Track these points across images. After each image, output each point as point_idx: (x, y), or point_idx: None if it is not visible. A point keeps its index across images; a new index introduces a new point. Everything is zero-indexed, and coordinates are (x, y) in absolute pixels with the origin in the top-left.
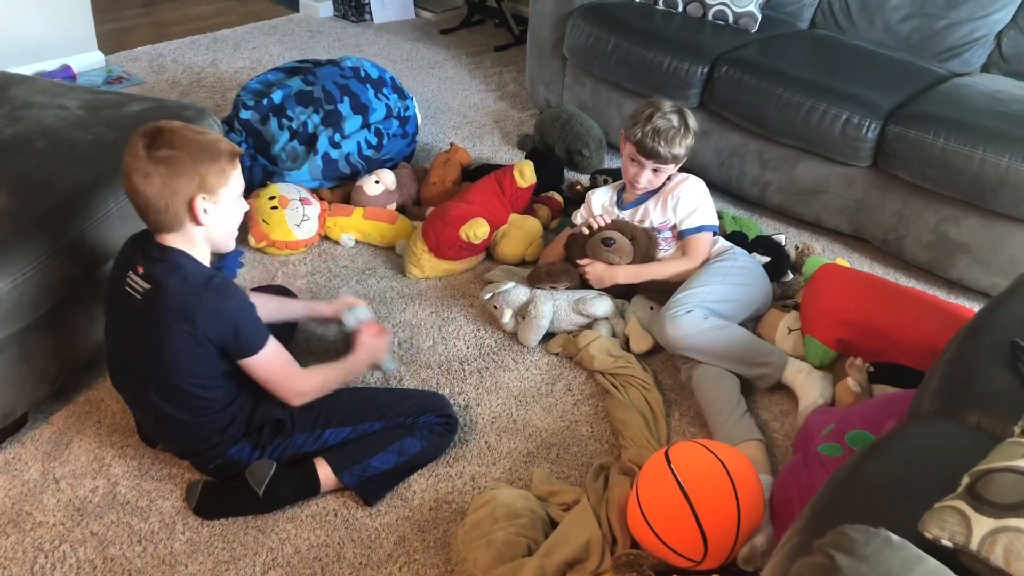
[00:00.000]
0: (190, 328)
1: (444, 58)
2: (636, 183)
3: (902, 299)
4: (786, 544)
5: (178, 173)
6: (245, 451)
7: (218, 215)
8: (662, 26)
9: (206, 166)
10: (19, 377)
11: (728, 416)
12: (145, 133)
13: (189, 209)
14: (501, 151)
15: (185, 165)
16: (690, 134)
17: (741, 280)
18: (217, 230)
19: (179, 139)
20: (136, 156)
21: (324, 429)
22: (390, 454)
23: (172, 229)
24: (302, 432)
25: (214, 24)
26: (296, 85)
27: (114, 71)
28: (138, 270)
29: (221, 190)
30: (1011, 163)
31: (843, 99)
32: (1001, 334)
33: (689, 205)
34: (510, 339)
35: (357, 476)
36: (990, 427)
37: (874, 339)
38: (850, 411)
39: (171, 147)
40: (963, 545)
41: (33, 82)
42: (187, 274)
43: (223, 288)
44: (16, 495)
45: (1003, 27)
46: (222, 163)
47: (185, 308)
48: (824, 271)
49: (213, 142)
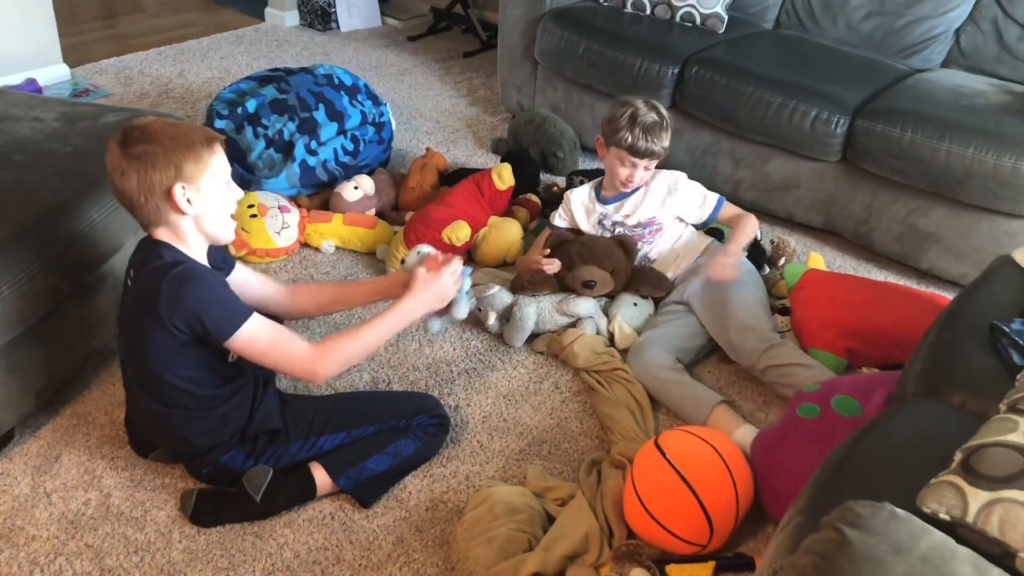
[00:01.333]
0: (156, 317)
1: (413, 65)
2: (630, 183)
3: (891, 297)
4: (788, 524)
5: (152, 165)
6: (239, 458)
7: (203, 203)
8: (631, 28)
9: (180, 154)
10: (6, 391)
11: (681, 397)
12: (120, 132)
13: (169, 200)
14: (475, 155)
15: (158, 157)
16: (668, 122)
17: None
18: (208, 219)
19: (151, 133)
20: (113, 156)
21: (319, 436)
22: (385, 456)
23: (158, 223)
24: (297, 440)
25: (179, 35)
26: (270, 93)
27: (80, 84)
28: (134, 264)
29: (200, 178)
30: (976, 154)
31: (811, 96)
32: (980, 317)
33: (694, 196)
34: (496, 340)
35: (353, 479)
36: (975, 407)
37: (878, 344)
38: (838, 378)
39: (144, 142)
40: (960, 518)
41: (6, 95)
42: (157, 266)
43: (183, 274)
44: (7, 510)
45: (961, 24)
46: (197, 150)
47: (149, 298)
48: (809, 279)
49: (186, 131)
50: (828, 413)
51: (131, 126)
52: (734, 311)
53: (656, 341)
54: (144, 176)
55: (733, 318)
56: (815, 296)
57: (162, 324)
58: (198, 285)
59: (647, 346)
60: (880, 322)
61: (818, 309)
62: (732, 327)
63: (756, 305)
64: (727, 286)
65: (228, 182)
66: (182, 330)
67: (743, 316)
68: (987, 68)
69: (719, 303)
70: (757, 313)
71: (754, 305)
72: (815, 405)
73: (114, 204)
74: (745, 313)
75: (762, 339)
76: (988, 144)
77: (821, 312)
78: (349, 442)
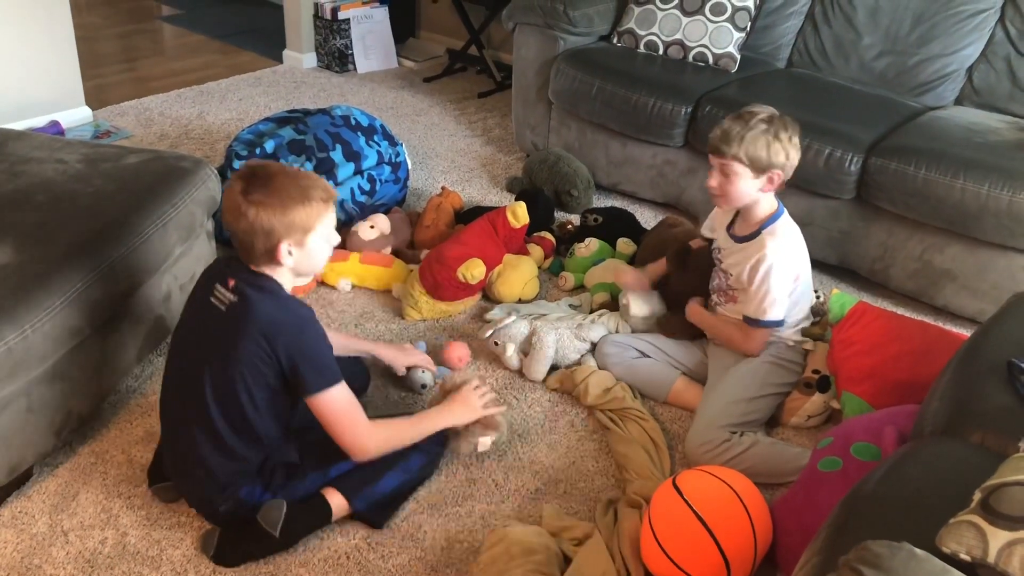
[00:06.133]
0: (269, 343)
1: (428, 105)
2: (710, 188)
3: (941, 344)
4: (806, 564)
5: (268, 217)
6: (256, 492)
7: (302, 257)
8: (644, 69)
9: (294, 214)
10: (25, 430)
11: (643, 378)
12: (242, 175)
13: (273, 250)
14: (490, 194)
15: (274, 211)
16: (768, 138)
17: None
18: (301, 267)
19: (273, 185)
20: (232, 195)
21: (331, 465)
22: (397, 472)
23: (268, 262)
24: (312, 472)
25: (199, 77)
26: (288, 134)
27: (102, 125)
28: (228, 283)
29: (309, 235)
30: (991, 191)
31: (824, 134)
32: (997, 355)
33: (756, 291)
34: (511, 378)
35: (367, 500)
36: (994, 445)
37: (917, 395)
38: (848, 424)
39: (264, 191)
40: (981, 558)
41: (30, 137)
42: (278, 297)
43: (310, 318)
44: (25, 548)
45: (973, 62)
46: (312, 208)
47: (271, 323)
48: (858, 315)
49: (306, 188)
50: (851, 462)
51: (256, 171)
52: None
53: (630, 338)
54: (256, 223)
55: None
56: (861, 338)
57: (268, 349)
58: (318, 332)
59: (616, 337)
60: (925, 374)
61: (863, 354)
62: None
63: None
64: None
65: (331, 233)
66: (281, 363)
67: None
68: (1000, 105)
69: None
70: (731, 409)
71: (735, 401)
72: (836, 458)
73: (134, 244)
74: (723, 403)
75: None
76: (1003, 181)
77: (866, 358)
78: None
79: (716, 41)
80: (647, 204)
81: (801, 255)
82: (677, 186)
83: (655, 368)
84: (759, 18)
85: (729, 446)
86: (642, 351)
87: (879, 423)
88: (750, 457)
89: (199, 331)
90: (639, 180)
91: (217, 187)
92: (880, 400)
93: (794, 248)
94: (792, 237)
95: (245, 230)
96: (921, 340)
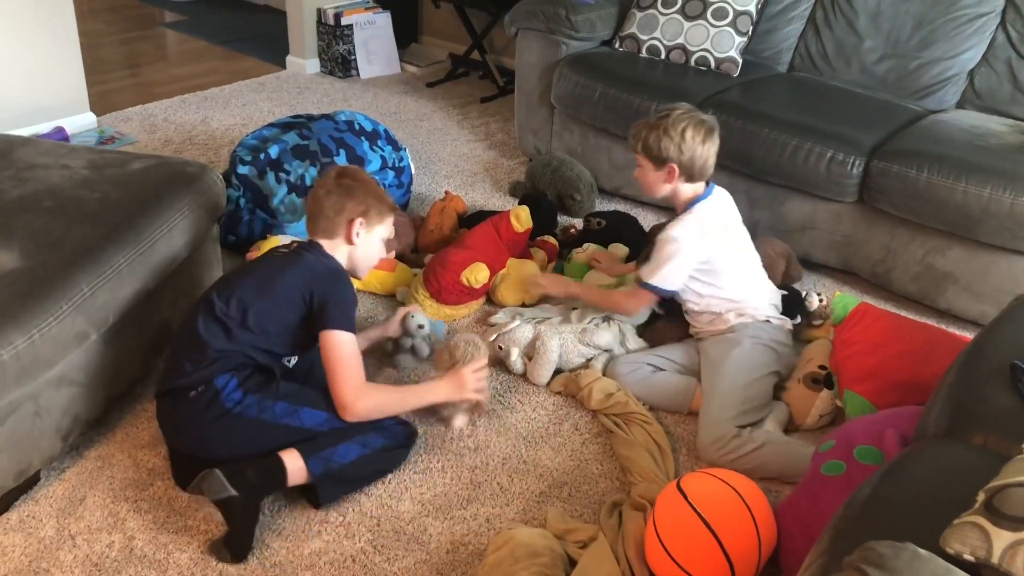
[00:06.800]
0: (308, 276)
1: (431, 110)
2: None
3: (943, 346)
4: (811, 565)
5: (352, 196)
6: (230, 386)
7: (365, 243)
8: (647, 73)
9: (373, 201)
10: (32, 434)
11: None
12: (339, 168)
13: (347, 225)
14: (493, 198)
15: (358, 192)
16: (658, 133)
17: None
18: (359, 255)
19: (361, 178)
20: (327, 179)
21: (303, 406)
22: (354, 444)
23: (329, 236)
24: (285, 401)
25: (202, 83)
26: (292, 140)
27: (107, 131)
28: (290, 245)
29: (376, 225)
30: (992, 194)
31: (826, 138)
32: (999, 357)
33: (655, 255)
34: (515, 381)
35: (323, 464)
36: (996, 447)
37: (921, 395)
38: (849, 427)
39: (353, 180)
40: (985, 559)
41: (36, 143)
42: (328, 256)
43: (344, 276)
44: (33, 552)
45: (974, 65)
46: (383, 206)
47: (315, 268)
48: (860, 315)
49: (383, 192)
50: (854, 466)
51: (347, 168)
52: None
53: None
54: (342, 199)
55: (710, 396)
56: (863, 338)
57: (305, 287)
58: (347, 287)
59: (626, 357)
60: (926, 373)
61: (865, 354)
62: (704, 408)
63: (734, 388)
64: (725, 353)
65: (384, 241)
66: (311, 299)
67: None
68: (1001, 108)
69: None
70: (729, 399)
71: (731, 390)
72: (839, 461)
73: (140, 249)
74: (720, 395)
75: (714, 437)
76: (1005, 184)
77: (868, 358)
78: (326, 430)
79: (718, 45)
80: (650, 208)
81: (709, 239)
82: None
83: (671, 381)
84: (761, 22)
85: (741, 442)
86: (654, 365)
87: (880, 425)
88: (764, 455)
89: (251, 266)
90: None
91: (222, 193)
92: (882, 399)
93: (699, 231)
94: (700, 222)
95: (330, 204)
96: (922, 340)
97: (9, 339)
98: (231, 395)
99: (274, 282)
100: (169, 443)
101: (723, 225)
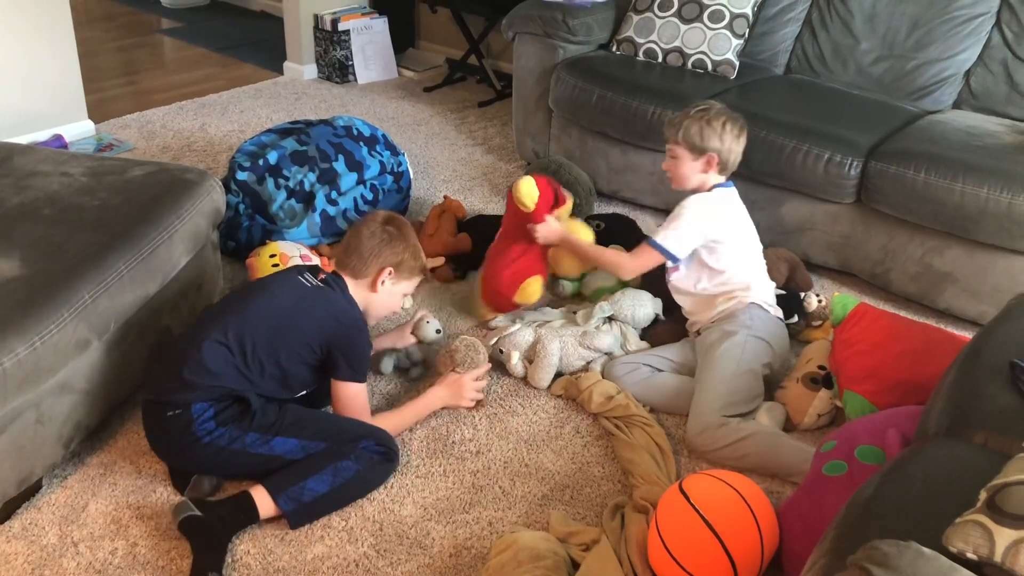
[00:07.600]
0: (331, 326)
1: (429, 115)
2: (665, 171)
3: (943, 346)
4: (814, 565)
5: (390, 244)
6: (207, 414)
7: (387, 294)
8: (644, 76)
9: (408, 257)
10: (34, 442)
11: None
12: (389, 214)
13: (378, 272)
14: (492, 202)
15: (398, 244)
16: (702, 124)
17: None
18: (377, 302)
19: (405, 231)
20: (374, 220)
21: (275, 435)
22: (325, 475)
23: (355, 276)
24: (256, 432)
25: (200, 90)
26: (290, 145)
27: (105, 138)
28: (318, 276)
29: (403, 280)
30: (990, 194)
31: (824, 139)
32: (999, 356)
33: (671, 218)
34: (516, 385)
35: (294, 500)
36: (997, 445)
37: (921, 395)
38: (850, 427)
39: (398, 229)
40: (987, 557)
41: (35, 151)
42: (350, 302)
43: (366, 329)
44: (36, 560)
45: (970, 66)
46: (416, 264)
47: (339, 314)
48: (859, 315)
49: (420, 250)
50: (856, 466)
51: (396, 217)
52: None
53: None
54: (381, 245)
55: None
56: (863, 338)
57: (322, 332)
58: (364, 338)
59: (623, 358)
60: (926, 373)
61: (864, 354)
62: (694, 399)
63: (723, 379)
64: (718, 344)
65: (404, 296)
66: (328, 347)
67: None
68: (998, 109)
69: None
70: (717, 389)
71: (719, 380)
72: (840, 462)
73: (140, 256)
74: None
75: (700, 426)
76: (1002, 184)
77: (867, 358)
78: (298, 457)
79: (715, 48)
80: (648, 210)
81: (722, 222)
82: (678, 192)
83: (671, 382)
84: (757, 24)
85: (727, 431)
86: (651, 365)
87: (882, 425)
88: (750, 444)
89: (273, 285)
90: (640, 187)
91: (222, 199)
92: (882, 399)
93: (716, 209)
94: (720, 201)
95: (372, 246)
96: (922, 340)
97: (11, 347)
98: (204, 424)
99: (296, 331)
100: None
101: (737, 213)
